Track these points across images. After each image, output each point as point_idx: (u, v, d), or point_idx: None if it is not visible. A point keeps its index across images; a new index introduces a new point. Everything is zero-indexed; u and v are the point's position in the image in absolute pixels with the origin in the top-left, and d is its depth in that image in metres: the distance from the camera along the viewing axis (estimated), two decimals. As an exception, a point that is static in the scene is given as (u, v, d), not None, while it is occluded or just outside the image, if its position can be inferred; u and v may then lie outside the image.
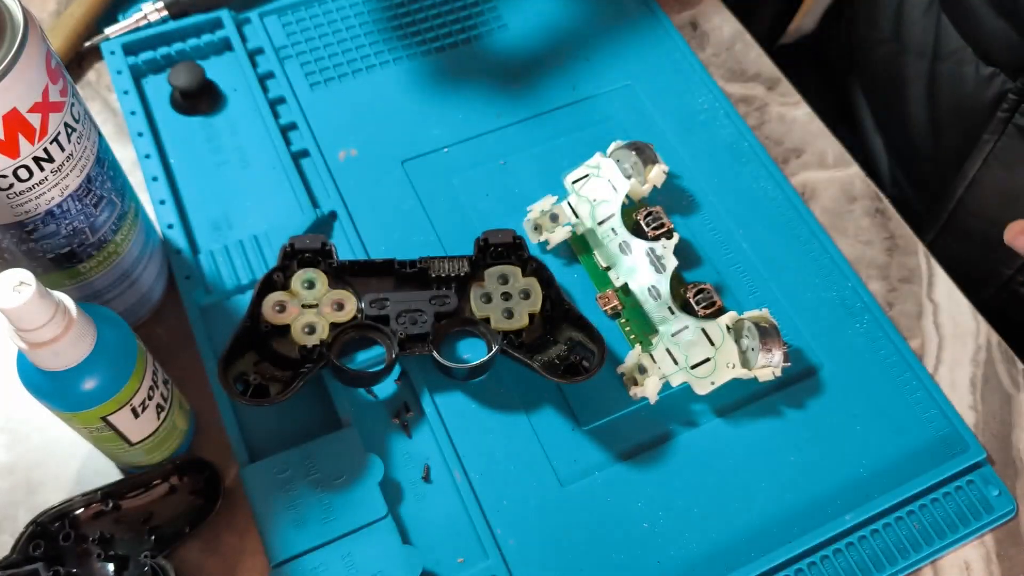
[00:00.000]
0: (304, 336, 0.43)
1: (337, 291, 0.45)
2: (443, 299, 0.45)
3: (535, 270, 0.46)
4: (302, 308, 0.44)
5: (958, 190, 0.59)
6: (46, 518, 0.40)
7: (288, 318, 0.44)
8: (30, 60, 0.34)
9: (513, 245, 0.47)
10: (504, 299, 0.45)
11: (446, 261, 0.46)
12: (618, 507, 0.43)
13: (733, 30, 0.61)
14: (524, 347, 0.44)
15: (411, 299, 0.45)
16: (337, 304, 0.44)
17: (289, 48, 0.57)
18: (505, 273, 0.46)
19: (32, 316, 0.32)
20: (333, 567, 0.40)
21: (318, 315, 0.44)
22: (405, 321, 0.44)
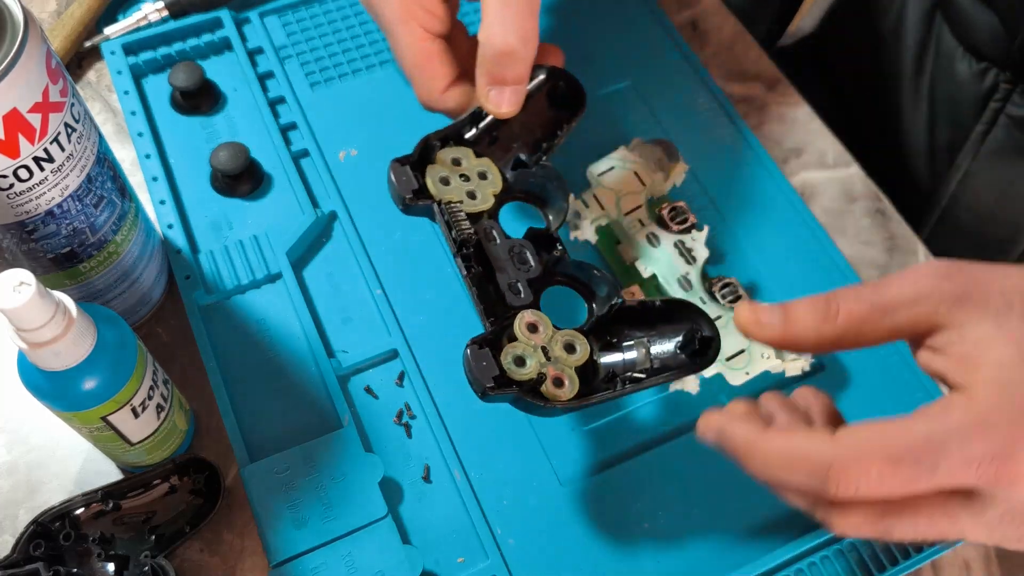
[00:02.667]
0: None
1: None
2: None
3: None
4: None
5: (951, 184, 0.59)
6: (46, 518, 0.40)
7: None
8: (30, 60, 0.34)
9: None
10: (463, 180, 0.43)
11: None
12: (618, 507, 0.43)
13: (733, 30, 0.61)
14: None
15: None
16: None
17: (289, 48, 0.57)
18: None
19: (32, 316, 0.32)
20: (333, 567, 0.40)
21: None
22: (514, 257, 0.41)
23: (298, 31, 0.57)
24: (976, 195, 0.58)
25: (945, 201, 0.60)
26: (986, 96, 0.55)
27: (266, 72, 0.55)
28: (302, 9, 0.58)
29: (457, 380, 0.46)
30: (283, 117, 0.54)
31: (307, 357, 0.46)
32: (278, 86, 0.55)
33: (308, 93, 0.55)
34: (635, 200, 0.49)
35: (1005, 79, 0.54)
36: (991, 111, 0.55)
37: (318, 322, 0.47)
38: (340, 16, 0.58)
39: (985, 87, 0.55)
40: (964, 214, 0.59)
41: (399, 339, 0.47)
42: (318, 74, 0.56)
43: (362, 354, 0.46)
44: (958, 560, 0.44)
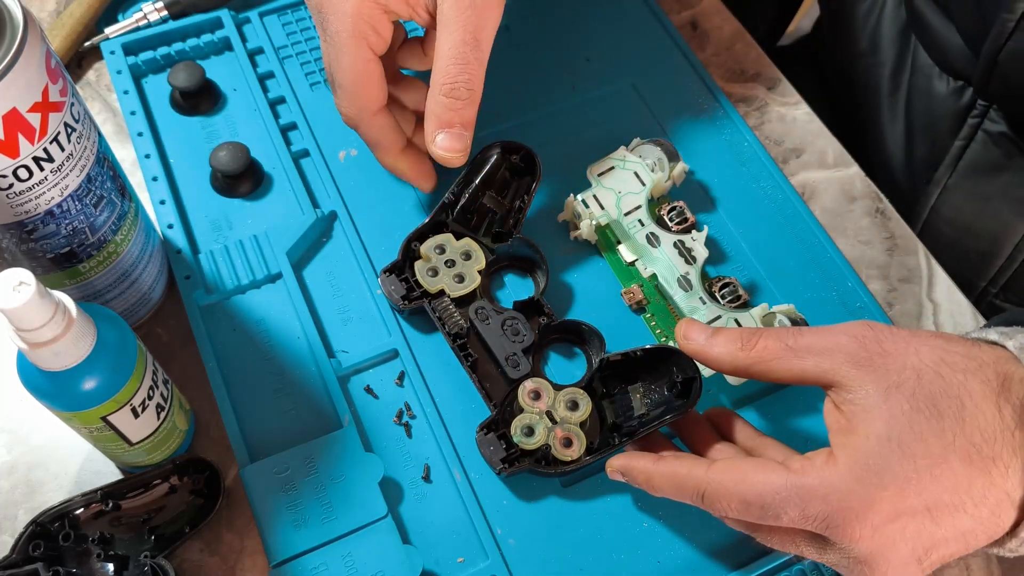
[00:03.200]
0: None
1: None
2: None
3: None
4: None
5: (931, 198, 0.60)
6: (46, 518, 0.40)
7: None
8: (30, 60, 0.34)
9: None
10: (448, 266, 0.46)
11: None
12: (618, 507, 0.43)
13: (733, 30, 0.61)
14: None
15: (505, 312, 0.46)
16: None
17: (289, 48, 0.57)
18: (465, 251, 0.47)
19: (32, 316, 0.32)
20: (333, 567, 0.40)
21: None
22: (507, 331, 0.45)
23: (298, 31, 0.57)
24: (955, 209, 0.59)
25: (926, 214, 0.60)
26: (963, 112, 0.56)
27: (266, 72, 0.55)
28: (302, 9, 0.58)
29: (457, 380, 0.46)
30: (283, 117, 0.54)
31: (307, 357, 0.46)
32: (278, 86, 0.55)
33: (308, 93, 0.55)
34: (635, 200, 0.49)
35: (982, 98, 0.55)
36: (969, 127, 0.56)
37: (318, 322, 0.47)
38: (340, 16, 0.58)
39: (963, 104, 0.56)
40: (944, 227, 0.60)
41: (399, 339, 0.47)
42: (318, 74, 0.56)
43: (362, 354, 0.46)
44: (958, 561, 0.44)
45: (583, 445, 0.41)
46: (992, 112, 0.55)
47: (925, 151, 0.60)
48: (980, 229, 0.58)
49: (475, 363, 0.44)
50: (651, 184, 0.49)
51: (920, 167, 0.61)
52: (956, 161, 0.57)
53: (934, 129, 0.59)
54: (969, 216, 0.58)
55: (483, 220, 0.48)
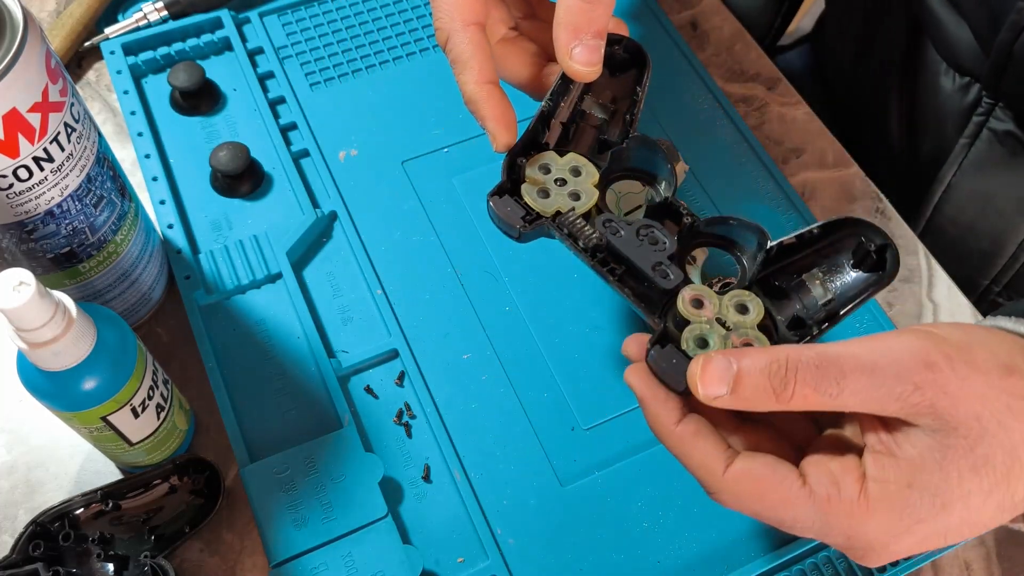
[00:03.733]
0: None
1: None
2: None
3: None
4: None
5: (935, 196, 0.59)
6: (46, 518, 0.40)
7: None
8: (30, 60, 0.34)
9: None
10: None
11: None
12: (618, 507, 0.43)
13: (733, 30, 0.61)
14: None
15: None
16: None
17: (289, 48, 0.57)
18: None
19: (32, 316, 0.32)
20: (333, 567, 0.40)
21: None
22: (644, 240, 0.39)
23: (298, 31, 0.57)
24: (959, 207, 0.59)
25: (929, 212, 0.60)
26: (969, 110, 0.56)
27: (266, 72, 0.55)
28: (302, 9, 0.58)
29: (457, 380, 0.46)
30: (283, 117, 0.54)
31: (307, 357, 0.46)
32: (278, 86, 0.55)
33: (308, 93, 0.55)
34: (635, 200, 0.49)
35: (987, 94, 0.54)
36: (974, 125, 0.56)
37: (318, 322, 0.47)
38: (340, 16, 0.58)
39: (968, 101, 0.56)
40: (947, 225, 0.60)
41: (399, 339, 0.47)
42: (318, 74, 0.56)
43: (362, 354, 0.46)
44: (958, 560, 0.44)
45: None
46: (998, 110, 0.54)
47: (929, 149, 0.60)
48: (983, 228, 0.58)
49: (622, 277, 0.38)
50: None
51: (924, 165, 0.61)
52: (960, 159, 0.57)
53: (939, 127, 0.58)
54: (972, 215, 0.58)
55: (586, 129, 0.42)
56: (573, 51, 0.38)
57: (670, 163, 0.41)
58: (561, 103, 0.41)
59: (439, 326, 0.47)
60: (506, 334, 0.47)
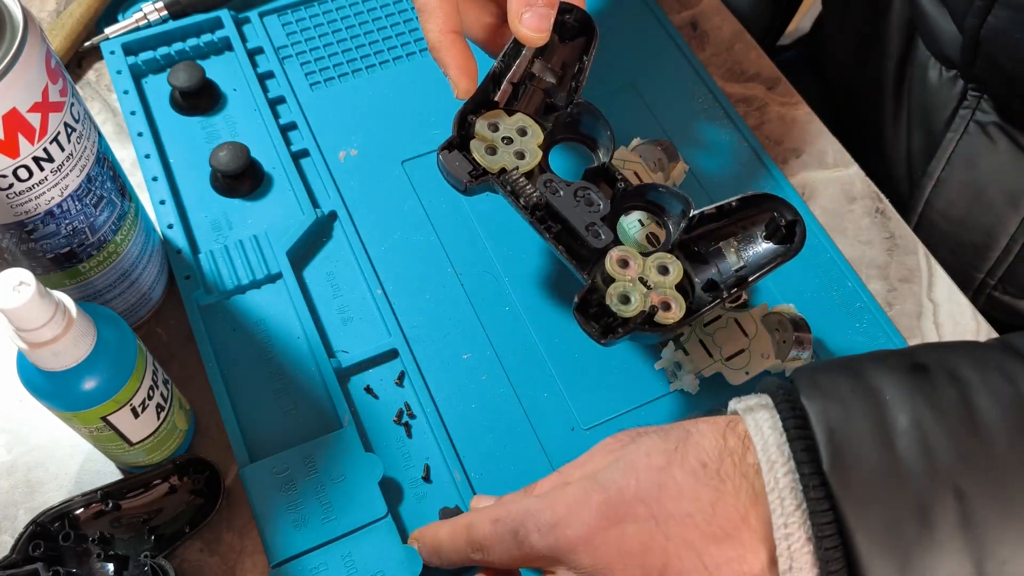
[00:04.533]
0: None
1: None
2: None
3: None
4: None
5: (926, 190, 0.60)
6: (46, 518, 0.40)
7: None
8: (30, 60, 0.34)
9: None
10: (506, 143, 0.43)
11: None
12: (618, 507, 0.43)
13: (733, 30, 0.61)
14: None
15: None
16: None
17: (289, 48, 0.57)
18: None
19: (32, 316, 0.32)
20: (333, 567, 0.40)
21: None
22: (581, 201, 0.42)
23: (298, 31, 0.57)
24: (949, 201, 0.59)
25: (920, 207, 0.60)
26: (956, 103, 0.56)
27: (266, 72, 0.55)
28: (302, 9, 0.58)
29: (457, 380, 0.46)
30: (283, 117, 0.54)
31: (307, 357, 0.46)
32: (278, 86, 0.55)
33: (308, 93, 0.55)
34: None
35: (973, 87, 0.55)
36: (960, 118, 0.56)
37: (318, 322, 0.47)
38: (340, 16, 0.58)
39: (954, 94, 0.56)
40: (939, 220, 0.60)
41: (399, 339, 0.47)
42: (318, 74, 0.56)
43: (362, 354, 0.46)
44: (958, 560, 0.44)
45: (683, 307, 0.40)
46: (983, 102, 0.55)
47: (921, 144, 0.60)
48: (974, 222, 0.58)
49: (560, 233, 0.41)
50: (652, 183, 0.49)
51: (917, 160, 0.61)
52: (949, 153, 0.57)
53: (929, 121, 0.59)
54: (963, 208, 0.58)
55: (535, 92, 0.44)
56: (523, 16, 0.40)
57: (609, 129, 0.44)
58: (513, 64, 0.43)
59: (439, 326, 0.47)
60: (506, 334, 0.47)
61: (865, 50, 0.64)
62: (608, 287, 0.40)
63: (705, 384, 0.45)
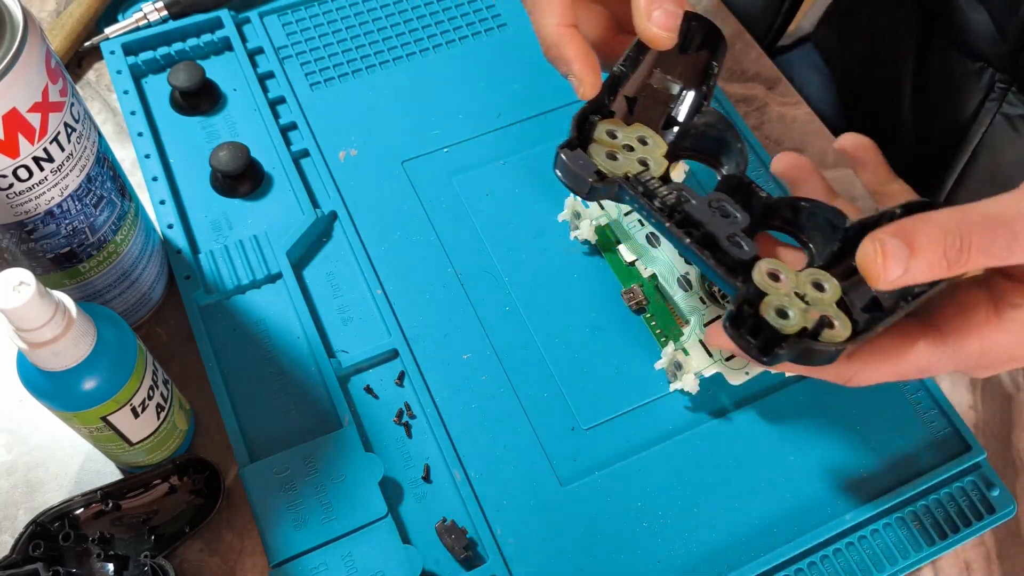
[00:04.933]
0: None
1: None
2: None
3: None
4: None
5: (948, 183, 0.59)
6: (46, 518, 0.40)
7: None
8: (30, 60, 0.34)
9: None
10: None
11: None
12: (618, 507, 0.43)
13: (733, 30, 0.61)
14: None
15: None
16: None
17: (289, 48, 0.57)
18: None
19: (32, 316, 0.32)
20: (333, 567, 0.40)
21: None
22: (716, 212, 0.37)
23: (298, 31, 0.57)
24: (972, 193, 0.59)
25: (942, 199, 0.60)
26: (982, 96, 0.56)
27: (266, 72, 0.55)
28: (302, 9, 0.58)
29: (457, 380, 0.46)
30: (283, 117, 0.54)
31: (307, 357, 0.46)
32: (278, 86, 0.55)
33: (308, 93, 0.55)
34: None
35: (1001, 79, 0.54)
36: (987, 110, 0.56)
37: (318, 322, 0.47)
38: (340, 16, 0.58)
39: (981, 87, 0.56)
40: None
41: (399, 339, 0.47)
42: (318, 74, 0.56)
43: (362, 354, 0.46)
44: (958, 560, 0.44)
45: (847, 325, 0.35)
46: (1011, 95, 0.54)
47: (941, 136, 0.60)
48: None
49: (701, 241, 0.36)
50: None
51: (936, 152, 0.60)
52: (974, 145, 0.57)
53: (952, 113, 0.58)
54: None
55: (653, 103, 0.41)
56: (653, 14, 0.37)
57: (740, 142, 0.39)
58: (632, 73, 0.40)
59: (439, 326, 0.48)
60: (506, 334, 0.47)
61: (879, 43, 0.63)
62: (761, 300, 0.35)
63: (705, 384, 0.45)
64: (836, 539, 0.43)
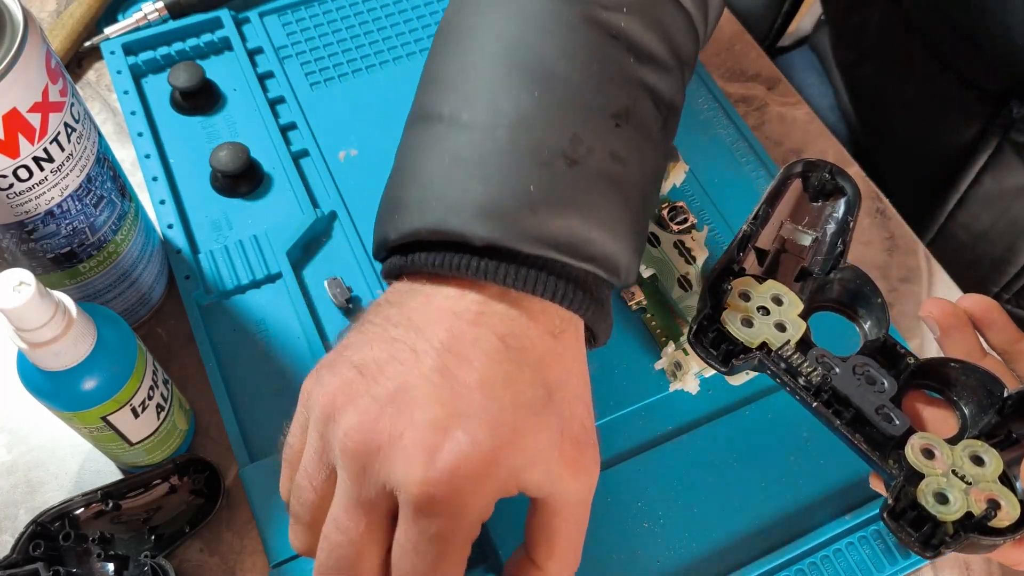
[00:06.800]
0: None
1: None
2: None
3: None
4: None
5: (950, 202, 0.59)
6: (46, 518, 0.40)
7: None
8: (30, 60, 0.34)
9: None
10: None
11: None
12: (618, 507, 0.43)
13: (733, 30, 0.61)
14: None
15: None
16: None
17: (289, 48, 0.57)
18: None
19: (32, 316, 0.32)
20: (333, 567, 0.40)
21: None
22: (861, 379, 0.36)
23: (298, 31, 0.57)
24: (973, 215, 0.59)
25: (943, 218, 0.60)
26: (984, 121, 0.56)
27: (266, 72, 0.55)
28: (302, 9, 0.58)
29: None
30: (283, 117, 0.54)
31: (307, 357, 0.46)
32: (278, 86, 0.55)
33: (308, 93, 0.55)
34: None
35: (1004, 112, 0.54)
36: (992, 134, 0.55)
37: (318, 322, 0.47)
38: (340, 16, 0.58)
39: (982, 112, 0.56)
40: (960, 231, 0.60)
41: (399, 339, 0.46)
42: (318, 74, 0.56)
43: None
44: (958, 561, 0.44)
45: (1016, 505, 0.33)
46: (1019, 123, 0.54)
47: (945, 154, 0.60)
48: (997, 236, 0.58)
49: (852, 423, 0.35)
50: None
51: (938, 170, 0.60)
52: (979, 168, 0.57)
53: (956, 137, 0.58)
54: (987, 222, 0.58)
55: (785, 257, 0.39)
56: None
57: (880, 296, 0.38)
58: (761, 229, 0.39)
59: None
60: (506, 334, 0.47)
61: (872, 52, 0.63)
62: (918, 483, 0.33)
63: (705, 384, 0.45)
64: (837, 539, 0.43)
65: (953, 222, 0.60)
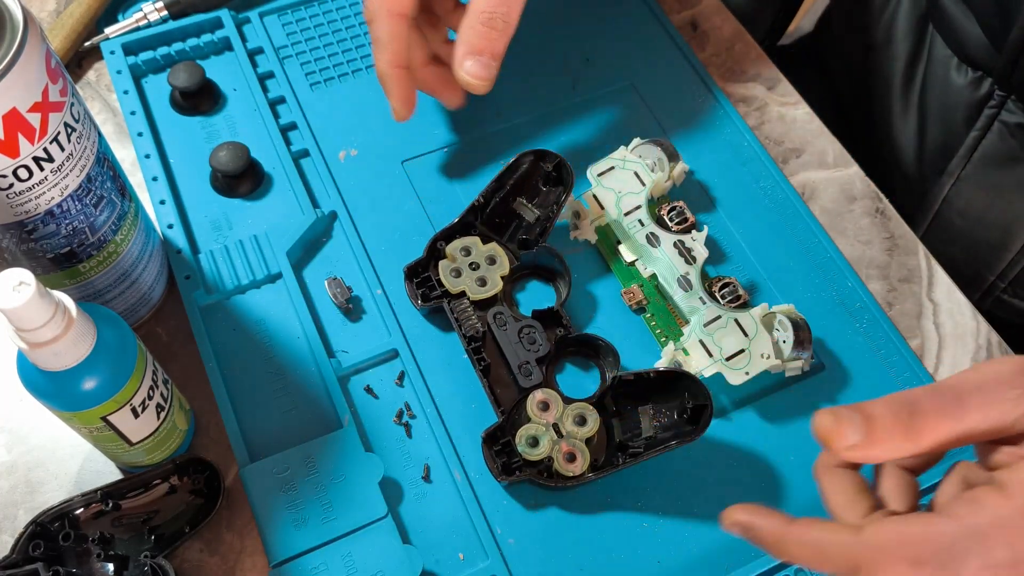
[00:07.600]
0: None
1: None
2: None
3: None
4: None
5: (944, 189, 0.60)
6: (46, 518, 0.40)
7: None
8: (30, 60, 0.34)
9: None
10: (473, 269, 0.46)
11: None
12: (618, 507, 0.43)
13: (733, 30, 0.61)
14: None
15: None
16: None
17: (289, 48, 0.57)
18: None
19: (32, 316, 0.32)
20: (333, 567, 0.40)
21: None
22: (523, 339, 0.45)
23: (298, 31, 0.57)
24: (967, 200, 0.59)
25: (937, 205, 0.60)
26: (980, 103, 0.56)
27: (266, 72, 0.55)
28: (302, 9, 0.58)
29: (457, 380, 0.46)
30: (283, 117, 0.54)
31: (307, 357, 0.46)
32: (278, 86, 0.55)
33: (308, 93, 0.55)
34: (635, 200, 0.49)
35: (1000, 87, 0.55)
36: (985, 117, 0.56)
37: (318, 322, 0.47)
38: (340, 16, 0.58)
39: (980, 95, 0.56)
40: (956, 218, 0.60)
41: (399, 339, 0.47)
42: (318, 74, 0.56)
43: (362, 354, 0.46)
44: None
45: (586, 461, 0.41)
46: (1010, 103, 0.54)
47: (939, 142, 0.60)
48: (992, 220, 0.58)
49: (487, 368, 0.44)
50: (651, 184, 0.49)
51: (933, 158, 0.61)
52: (971, 152, 0.57)
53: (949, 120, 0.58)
54: (981, 207, 0.58)
55: (511, 226, 0.48)
56: (465, 63, 0.44)
57: (567, 276, 0.47)
58: (494, 199, 0.48)
59: (439, 326, 0.47)
60: (506, 334, 0.48)
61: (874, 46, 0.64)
62: (521, 427, 0.42)
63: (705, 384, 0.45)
64: (836, 539, 0.43)
65: (949, 208, 0.60)
